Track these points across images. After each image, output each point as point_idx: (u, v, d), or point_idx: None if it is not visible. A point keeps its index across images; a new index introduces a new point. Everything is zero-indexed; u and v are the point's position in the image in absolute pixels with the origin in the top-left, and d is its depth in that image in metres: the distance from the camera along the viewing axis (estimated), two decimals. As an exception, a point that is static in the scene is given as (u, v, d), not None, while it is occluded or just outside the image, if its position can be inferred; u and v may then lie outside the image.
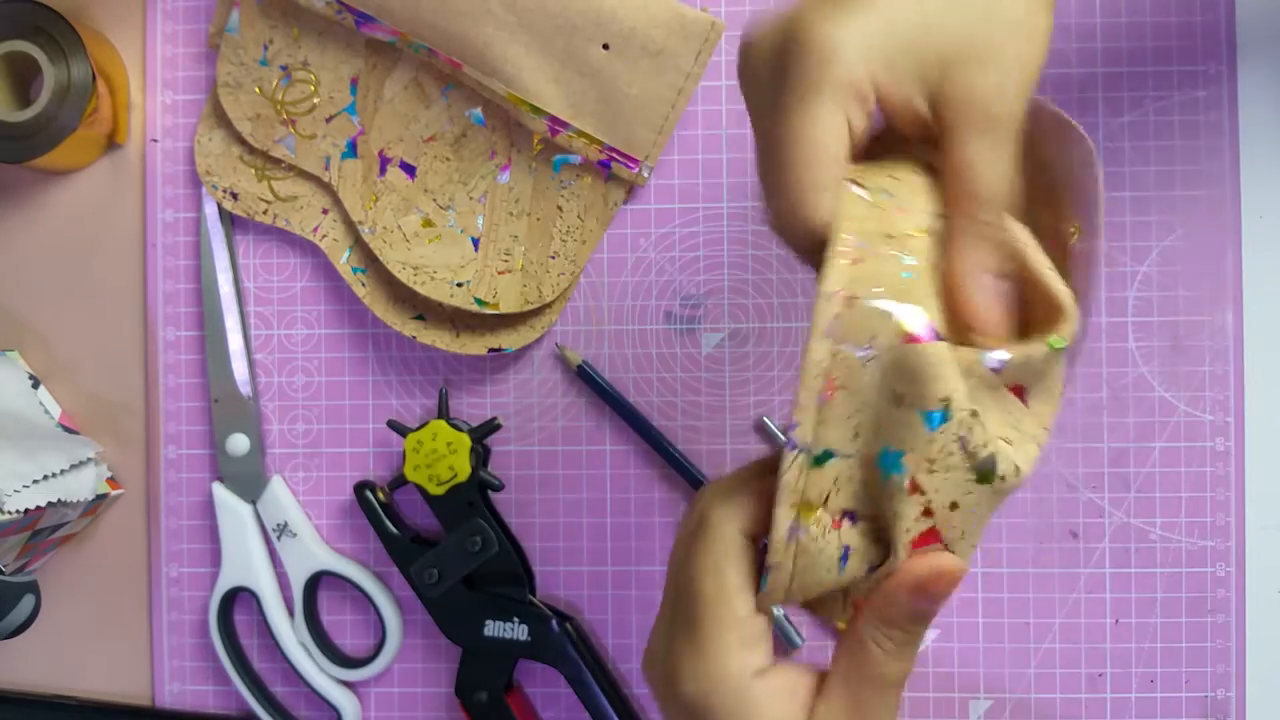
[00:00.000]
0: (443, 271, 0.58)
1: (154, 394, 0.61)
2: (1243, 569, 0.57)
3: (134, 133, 0.61)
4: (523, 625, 0.58)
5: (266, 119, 0.59)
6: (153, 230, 0.61)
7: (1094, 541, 0.58)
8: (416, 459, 0.57)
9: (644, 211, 0.59)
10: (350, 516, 0.61)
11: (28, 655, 0.62)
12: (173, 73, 0.61)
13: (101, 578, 0.61)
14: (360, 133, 0.58)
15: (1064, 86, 0.58)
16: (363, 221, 0.58)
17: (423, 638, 0.61)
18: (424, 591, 0.58)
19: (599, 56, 0.56)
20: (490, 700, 0.58)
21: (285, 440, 0.61)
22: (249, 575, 0.60)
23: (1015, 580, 0.58)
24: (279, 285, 0.61)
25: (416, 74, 0.58)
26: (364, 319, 0.61)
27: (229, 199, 0.59)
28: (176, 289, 0.61)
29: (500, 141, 0.58)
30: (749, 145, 0.59)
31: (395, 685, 0.61)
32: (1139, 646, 0.58)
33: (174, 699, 0.61)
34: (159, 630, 0.61)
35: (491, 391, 0.60)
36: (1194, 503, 0.58)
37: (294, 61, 0.58)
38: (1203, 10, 0.57)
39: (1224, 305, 0.57)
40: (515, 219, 0.58)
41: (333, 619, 0.61)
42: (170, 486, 0.61)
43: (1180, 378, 0.58)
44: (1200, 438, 0.58)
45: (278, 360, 0.61)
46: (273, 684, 0.61)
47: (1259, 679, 0.57)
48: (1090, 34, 0.58)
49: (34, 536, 0.56)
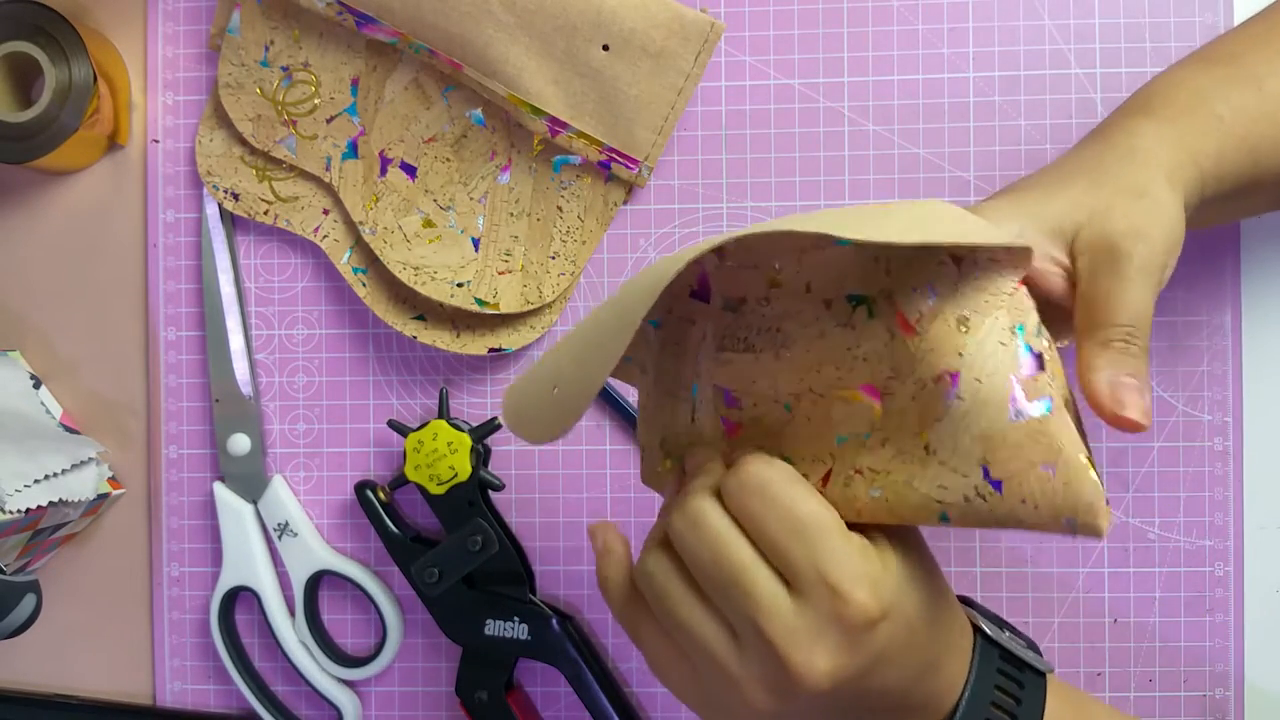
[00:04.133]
0: (443, 272, 0.58)
1: (155, 394, 0.61)
2: (1241, 568, 0.57)
3: (135, 133, 0.61)
4: (523, 624, 0.58)
5: (267, 120, 0.59)
6: (154, 231, 0.61)
7: (1092, 541, 0.58)
8: (417, 459, 0.57)
9: (644, 211, 0.59)
10: (351, 516, 0.61)
11: (28, 655, 0.62)
12: (174, 73, 0.61)
13: (102, 577, 0.62)
14: (361, 133, 0.59)
15: (1064, 87, 0.58)
16: (363, 222, 0.58)
17: (423, 637, 0.61)
18: (424, 591, 0.58)
19: (599, 57, 0.56)
20: (490, 699, 0.58)
21: (286, 440, 0.61)
22: (250, 575, 0.60)
23: (1014, 580, 0.58)
24: (280, 285, 0.61)
25: (417, 75, 0.58)
26: (365, 319, 0.61)
27: (230, 199, 0.60)
28: (178, 289, 0.61)
29: (500, 142, 0.58)
30: (748, 145, 0.59)
31: (396, 684, 0.61)
32: (1137, 646, 0.58)
33: (175, 698, 0.61)
34: (160, 629, 0.61)
35: (492, 391, 0.60)
36: (1192, 502, 0.58)
37: (295, 62, 0.58)
38: (1202, 10, 0.57)
39: (1222, 305, 0.58)
40: (515, 219, 0.58)
41: (333, 618, 0.61)
42: (171, 486, 0.61)
43: (1179, 378, 0.58)
44: (1199, 437, 0.58)
45: (279, 360, 0.61)
46: (274, 683, 0.61)
47: (1257, 678, 0.57)
48: (1090, 34, 0.58)
49: (35, 536, 0.56)
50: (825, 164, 0.58)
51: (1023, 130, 0.58)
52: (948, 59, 0.58)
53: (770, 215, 0.59)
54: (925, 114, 0.58)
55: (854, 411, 0.39)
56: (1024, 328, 0.37)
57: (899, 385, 0.38)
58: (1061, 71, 0.58)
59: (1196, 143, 0.44)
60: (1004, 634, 0.44)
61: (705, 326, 0.42)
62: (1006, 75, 0.58)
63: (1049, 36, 0.58)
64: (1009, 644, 0.43)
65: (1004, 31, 0.58)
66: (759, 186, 0.59)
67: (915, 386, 0.37)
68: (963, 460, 0.36)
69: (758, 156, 0.59)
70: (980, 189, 0.58)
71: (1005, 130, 0.58)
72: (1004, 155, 0.58)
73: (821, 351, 0.40)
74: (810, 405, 0.40)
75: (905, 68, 0.58)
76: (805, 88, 0.59)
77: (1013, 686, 0.42)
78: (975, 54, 0.58)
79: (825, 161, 0.58)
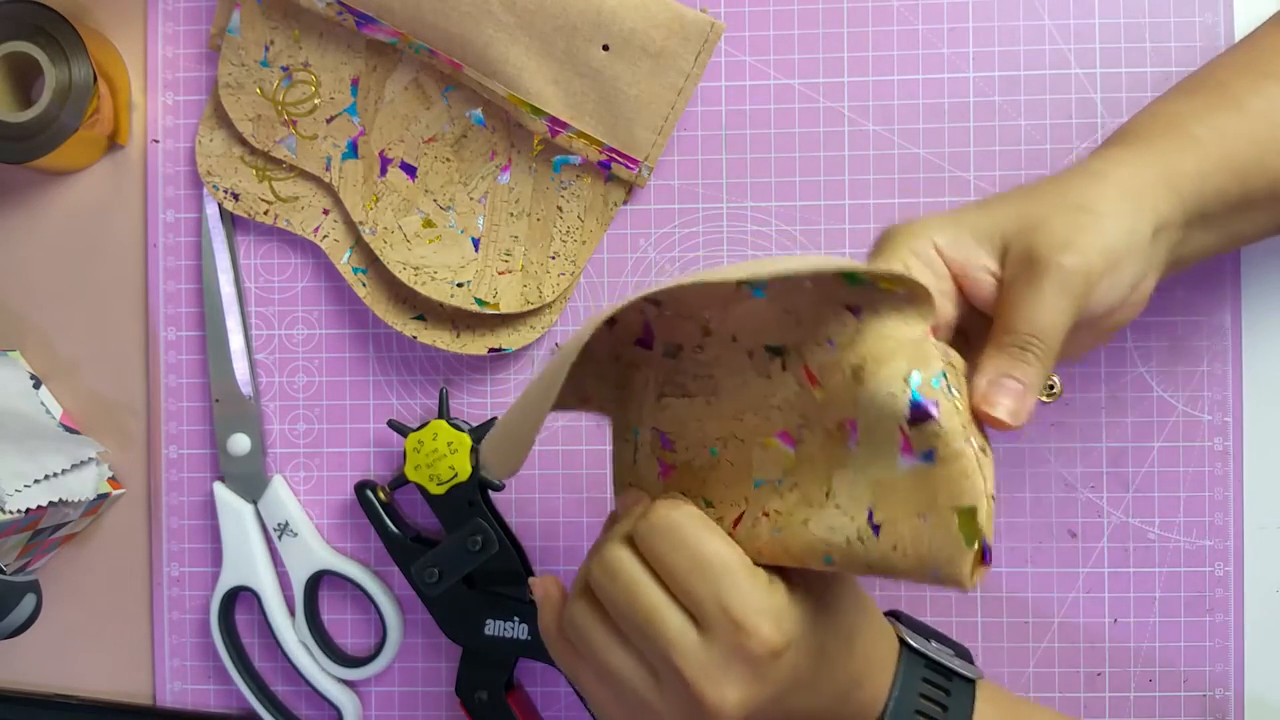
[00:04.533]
0: (443, 272, 0.58)
1: (155, 394, 0.61)
2: (1241, 568, 0.57)
3: (135, 133, 0.61)
4: (523, 624, 0.58)
5: (267, 120, 0.59)
6: (154, 230, 0.61)
7: (1092, 541, 0.58)
8: (417, 459, 0.57)
9: (644, 212, 0.59)
10: (351, 516, 0.61)
11: (28, 655, 0.62)
12: (174, 73, 0.61)
13: (102, 577, 0.62)
14: (361, 133, 0.59)
15: (1064, 87, 0.58)
16: (363, 222, 0.58)
17: (423, 637, 0.61)
18: (424, 591, 0.58)
19: (599, 57, 0.56)
20: (490, 699, 0.58)
21: (286, 440, 0.61)
22: (250, 575, 0.60)
23: (1014, 579, 0.58)
24: (280, 285, 0.61)
25: (417, 75, 0.58)
26: (365, 319, 0.61)
27: (230, 199, 0.60)
28: (178, 289, 0.61)
29: (500, 142, 0.58)
30: (748, 145, 0.59)
31: (396, 684, 0.61)
32: (1137, 645, 0.58)
33: (175, 698, 0.61)
34: (160, 629, 0.61)
35: (492, 391, 0.60)
36: (1192, 502, 0.58)
37: (295, 62, 0.58)
38: (1202, 10, 0.57)
39: (1222, 305, 0.58)
40: (515, 219, 0.58)
41: (333, 618, 0.61)
42: (171, 486, 0.61)
43: (1179, 378, 0.58)
44: (1198, 437, 0.58)
45: (278, 360, 0.61)
46: (274, 683, 0.61)
47: (1257, 678, 0.57)
48: (1090, 34, 0.58)
49: (35, 536, 0.56)
50: (825, 164, 0.58)
51: (1023, 130, 0.58)
52: (948, 59, 0.58)
53: (770, 215, 0.59)
54: (925, 114, 0.58)
55: (770, 457, 0.41)
56: (919, 376, 0.37)
57: (809, 433, 0.40)
58: (1061, 71, 0.58)
59: (1171, 164, 0.44)
60: (930, 644, 0.45)
61: (648, 373, 0.44)
62: (1006, 75, 0.58)
63: (1049, 36, 0.58)
64: (935, 654, 0.45)
65: (1004, 31, 0.58)
66: (759, 186, 0.59)
67: (823, 435, 0.39)
68: (854, 504, 0.38)
69: (758, 156, 0.59)
70: (980, 189, 0.58)
71: (1005, 130, 0.58)
72: (1004, 155, 0.58)
73: (744, 399, 0.41)
74: (734, 450, 0.42)
75: (905, 68, 0.58)
76: (805, 88, 0.59)
77: (939, 694, 0.43)
78: (975, 54, 0.58)
79: (825, 161, 0.58)
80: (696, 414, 0.43)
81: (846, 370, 0.38)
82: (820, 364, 0.39)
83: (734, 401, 0.42)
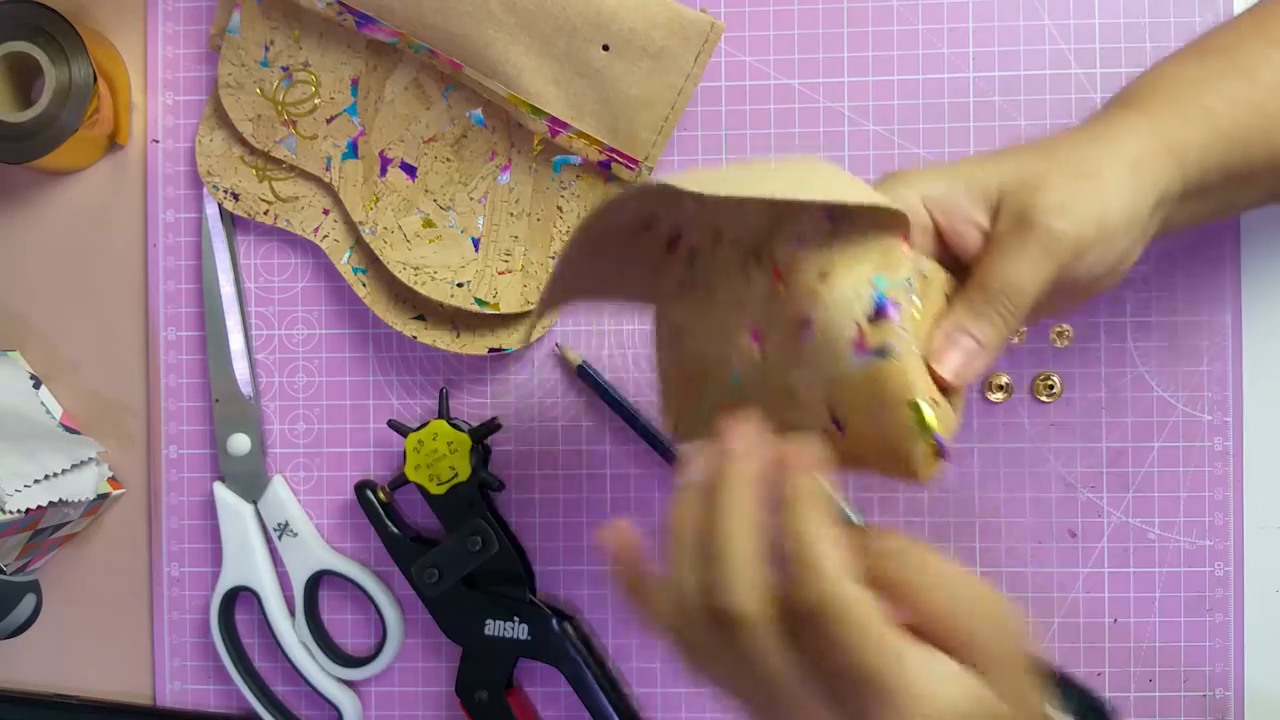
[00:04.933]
0: (443, 272, 0.58)
1: (155, 394, 0.61)
2: (1241, 568, 0.57)
3: (135, 133, 0.61)
4: (523, 624, 0.58)
5: (267, 120, 0.59)
6: (154, 230, 0.61)
7: (1092, 541, 0.58)
8: (417, 459, 0.57)
9: (644, 212, 0.59)
10: (351, 516, 0.61)
11: (28, 655, 0.62)
12: (174, 73, 0.61)
13: (102, 577, 0.62)
14: (361, 133, 0.59)
15: (1064, 87, 0.58)
16: (363, 222, 0.58)
17: (423, 637, 0.61)
18: (424, 591, 0.58)
19: (599, 58, 0.56)
20: (490, 699, 0.58)
21: (286, 440, 0.61)
22: (250, 575, 0.60)
23: (1014, 579, 0.58)
24: (280, 285, 0.61)
25: (417, 75, 0.58)
26: (365, 319, 0.61)
27: (230, 199, 0.60)
28: (177, 289, 0.61)
29: (501, 142, 0.58)
30: (748, 145, 0.59)
31: (396, 684, 0.61)
32: (1137, 645, 0.58)
33: (175, 698, 0.61)
34: (160, 629, 0.61)
35: (492, 391, 0.60)
36: (1192, 502, 0.58)
37: (295, 62, 0.58)
38: (1202, 10, 0.57)
39: (1222, 305, 0.58)
40: (516, 219, 0.58)
41: (333, 618, 0.61)
42: (171, 486, 0.61)
43: (1179, 377, 0.58)
44: (1199, 437, 0.58)
45: (278, 360, 0.61)
46: (274, 683, 0.61)
47: (1257, 678, 0.57)
48: (1090, 34, 0.58)
49: (35, 536, 0.56)
50: (825, 164, 0.58)
51: (1023, 130, 0.58)
52: (948, 59, 0.58)
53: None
54: (925, 114, 0.58)
55: (742, 355, 0.41)
56: (885, 278, 0.38)
57: (773, 330, 0.40)
58: (1061, 71, 0.58)
59: (1177, 134, 0.43)
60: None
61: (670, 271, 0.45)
62: (1006, 75, 0.58)
63: (1049, 36, 0.58)
64: None
65: (1004, 31, 0.58)
66: (759, 186, 0.59)
67: (784, 333, 0.39)
68: (814, 402, 0.39)
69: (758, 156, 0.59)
70: (980, 189, 0.58)
71: (1005, 130, 0.58)
72: (1004, 155, 0.58)
73: (727, 296, 0.42)
74: (716, 347, 0.42)
75: (905, 68, 0.58)
76: (805, 88, 0.59)
77: None
78: (975, 54, 0.58)
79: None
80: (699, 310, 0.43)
81: (814, 271, 0.39)
82: (786, 261, 0.40)
83: (721, 298, 0.42)
